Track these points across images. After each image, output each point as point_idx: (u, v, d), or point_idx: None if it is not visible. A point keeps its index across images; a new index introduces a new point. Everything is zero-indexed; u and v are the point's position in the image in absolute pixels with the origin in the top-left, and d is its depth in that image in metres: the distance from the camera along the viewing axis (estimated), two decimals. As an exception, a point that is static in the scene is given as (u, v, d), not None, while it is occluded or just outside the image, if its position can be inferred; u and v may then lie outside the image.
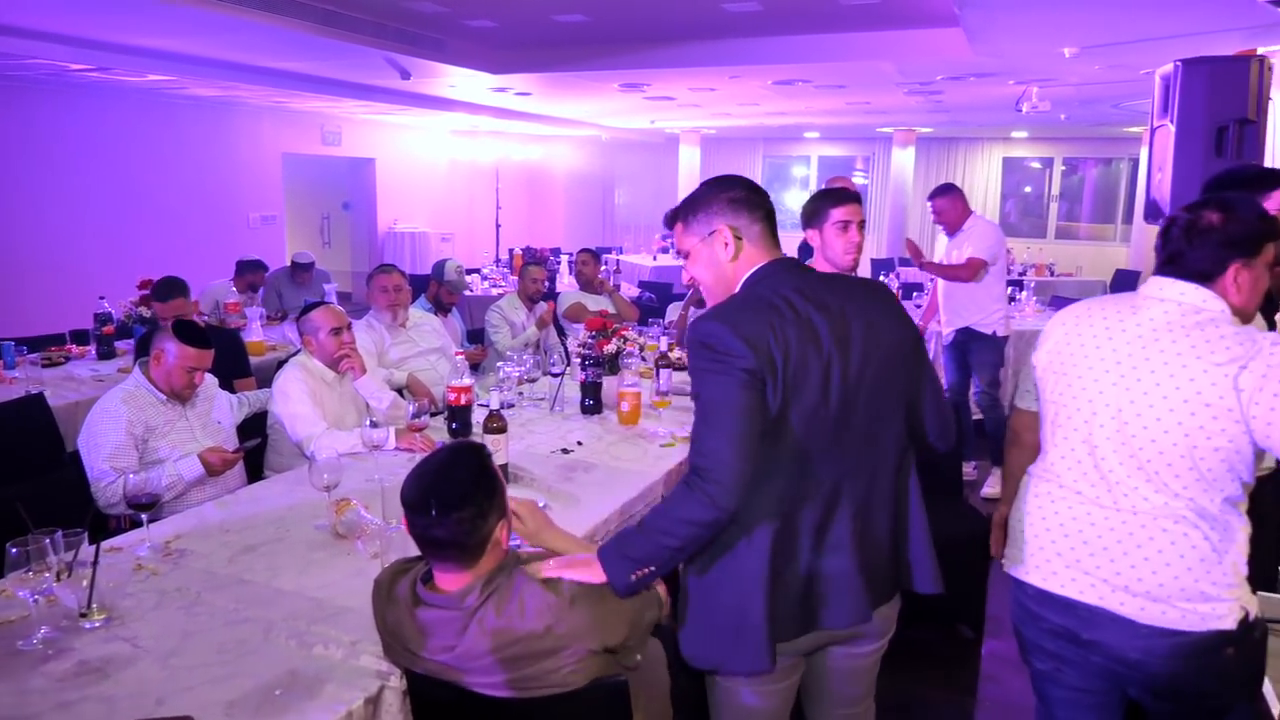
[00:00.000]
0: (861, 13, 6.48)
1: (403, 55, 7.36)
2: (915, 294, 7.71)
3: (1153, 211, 3.88)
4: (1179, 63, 3.61)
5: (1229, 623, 1.74)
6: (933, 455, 1.94)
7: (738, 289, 1.80)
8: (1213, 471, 1.72)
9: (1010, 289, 7.68)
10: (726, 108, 11.20)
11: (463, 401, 3.24)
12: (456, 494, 1.64)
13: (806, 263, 2.97)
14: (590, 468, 2.99)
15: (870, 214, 15.74)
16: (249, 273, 6.69)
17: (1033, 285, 7.92)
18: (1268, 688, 1.86)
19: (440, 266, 5.35)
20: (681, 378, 4.12)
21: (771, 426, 1.66)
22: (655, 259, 11.74)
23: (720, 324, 1.67)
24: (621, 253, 12.24)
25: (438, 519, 1.63)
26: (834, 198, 2.82)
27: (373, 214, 13.15)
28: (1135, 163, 13.06)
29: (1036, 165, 15.42)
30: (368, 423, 3.01)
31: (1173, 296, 1.79)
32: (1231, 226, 1.76)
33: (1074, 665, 1.94)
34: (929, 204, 5.41)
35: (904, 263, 12.20)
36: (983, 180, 15.28)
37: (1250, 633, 1.77)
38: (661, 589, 1.83)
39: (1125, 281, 9.75)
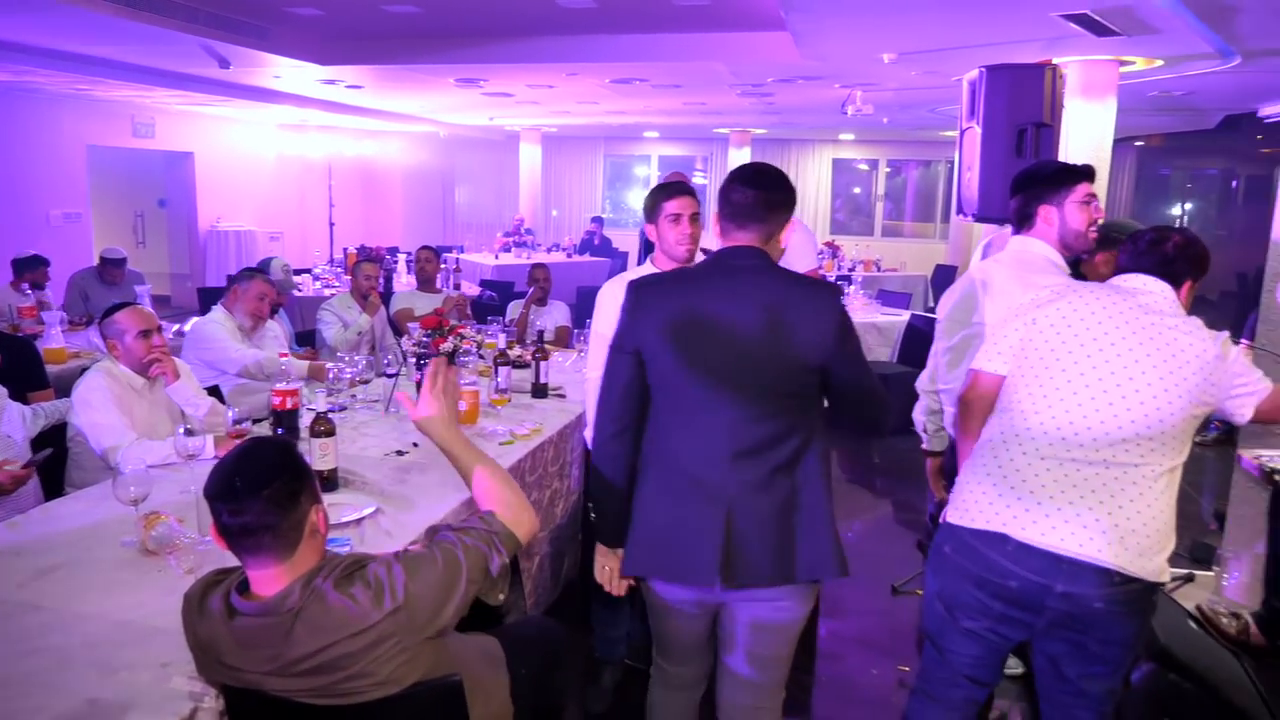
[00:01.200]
0: (695, 14, 6.61)
1: (221, 43, 6.95)
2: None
3: (963, 206, 4.12)
4: (984, 69, 3.85)
5: (1166, 575, 2.02)
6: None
7: None
8: (1182, 437, 2.02)
9: (840, 283, 8.08)
10: (566, 105, 11.19)
11: (289, 405, 3.07)
12: (262, 469, 1.57)
13: (648, 257, 3.01)
14: (426, 469, 2.91)
15: (708, 212, 16.09)
16: (28, 271, 6.12)
17: (860, 280, 8.33)
18: None
19: (265, 265, 5.09)
20: (520, 375, 4.08)
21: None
22: (497, 257, 11.60)
23: None
24: (463, 251, 12.03)
25: (245, 500, 1.54)
26: (666, 191, 2.84)
27: (192, 212, 12.37)
28: (952, 165, 13.95)
29: (864, 167, 16.22)
30: (181, 430, 2.81)
31: (1158, 290, 2.11)
32: (1194, 250, 2.17)
33: (1014, 624, 2.07)
34: None
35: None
36: (814, 180, 15.93)
37: (1161, 588, 2.06)
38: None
39: (945, 276, 10.37)
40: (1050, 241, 2.60)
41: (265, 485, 1.55)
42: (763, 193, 2.01)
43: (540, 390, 3.91)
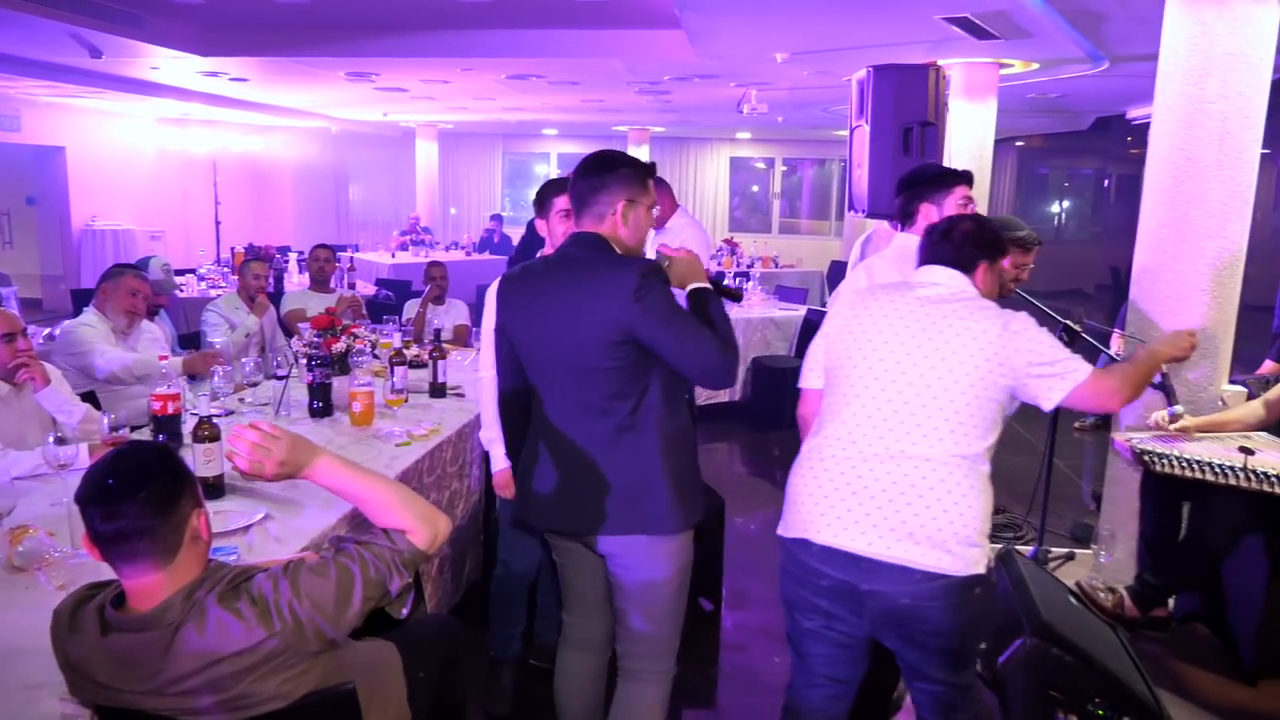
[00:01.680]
0: (592, 10, 6.60)
1: (91, 31, 6.59)
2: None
3: (853, 203, 4.23)
4: (871, 69, 3.95)
5: (982, 567, 1.99)
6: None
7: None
8: (977, 423, 2.00)
9: (738, 279, 8.19)
10: (462, 101, 11.03)
11: (170, 410, 2.94)
12: (138, 471, 1.49)
13: (539, 252, 2.98)
14: (319, 473, 2.82)
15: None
16: None
17: (758, 276, 8.47)
18: None
19: (144, 264, 4.85)
20: (417, 375, 4.00)
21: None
22: (394, 256, 11.37)
23: None
24: (358, 250, 11.73)
25: (120, 502, 1.46)
26: (558, 186, 2.83)
27: (65, 209, 11.71)
28: (845, 163, 14.31)
29: (761, 165, 16.50)
30: (51, 439, 2.65)
31: (944, 279, 2.17)
32: (983, 235, 2.22)
33: (844, 620, 2.10)
34: None
35: (642, 257, 12.57)
36: (713, 179, 16.12)
37: (990, 577, 2.04)
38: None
39: (840, 271, 10.62)
40: None
41: (142, 487, 1.47)
42: (580, 179, 2.22)
43: (439, 390, 3.84)
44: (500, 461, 2.71)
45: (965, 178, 2.75)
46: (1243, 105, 3.47)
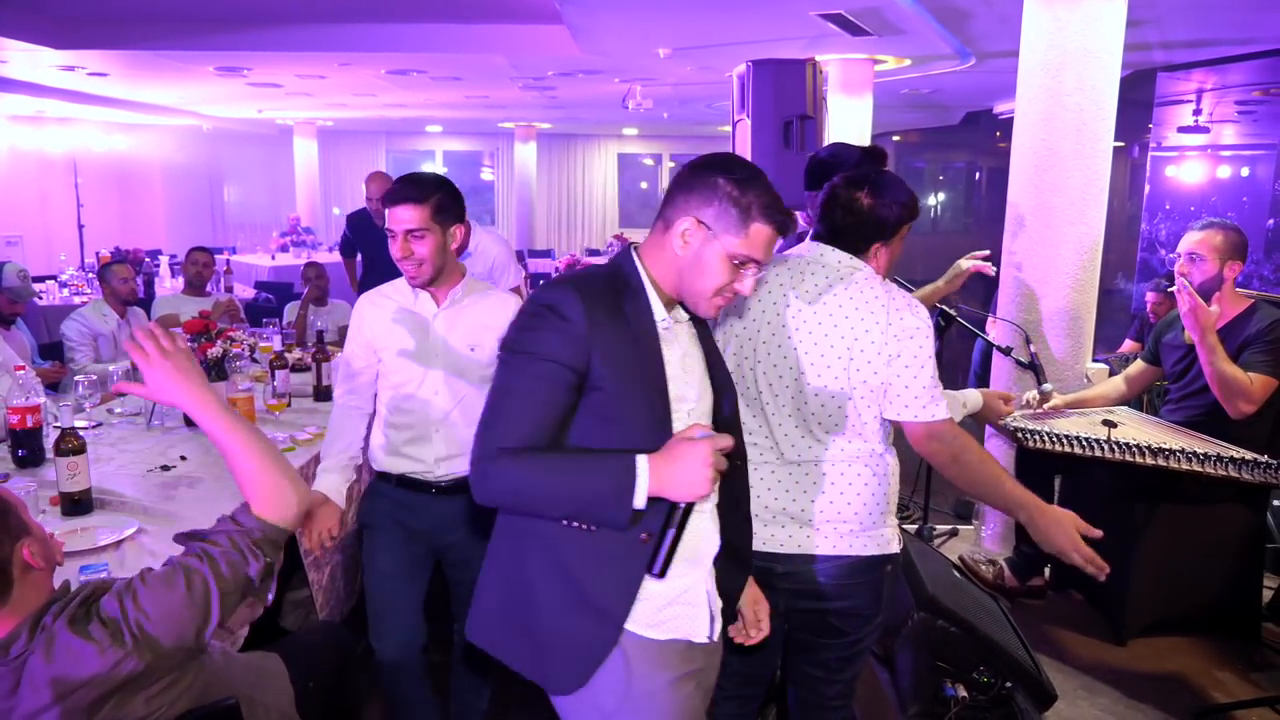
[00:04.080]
0: (473, 4, 6.50)
1: (-71, 21, 6.13)
2: (540, 283, 7.96)
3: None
4: (750, 63, 4.02)
5: (894, 545, 2.01)
6: None
7: None
8: (873, 413, 1.94)
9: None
10: (341, 97, 10.72)
11: (29, 424, 2.76)
12: None
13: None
14: (195, 482, 2.69)
15: (498, 208, 16.05)
16: None
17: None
18: None
19: (-3, 271, 4.54)
20: (300, 379, 3.87)
21: None
22: (274, 258, 10.97)
23: None
24: (235, 252, 11.27)
25: None
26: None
27: (-95, 215, 10.88)
28: (729, 159, 14.53)
29: (649, 162, 16.60)
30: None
31: (831, 262, 2.00)
32: (881, 212, 2.01)
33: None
34: None
35: (535, 254, 12.56)
36: (601, 175, 16.15)
37: (898, 556, 2.05)
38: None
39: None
40: None
41: None
42: None
43: (323, 393, 3.72)
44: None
45: (879, 159, 2.78)
46: (1096, 97, 3.68)
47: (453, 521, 2.42)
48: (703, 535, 1.65)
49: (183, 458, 2.92)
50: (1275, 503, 3.79)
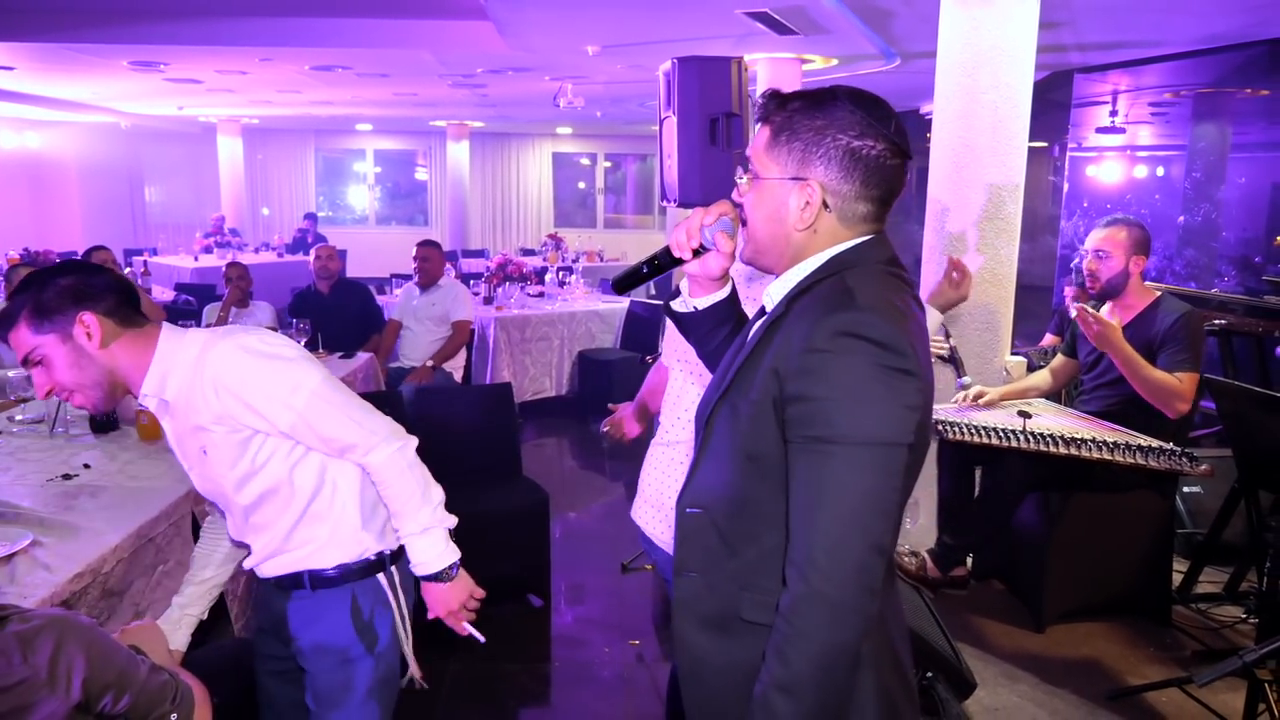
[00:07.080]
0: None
1: None
2: (472, 282, 7.89)
3: (665, 193, 4.29)
4: (675, 60, 4.00)
5: None
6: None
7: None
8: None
9: (562, 274, 8.24)
10: (265, 94, 10.46)
11: (-82, 433, 2.62)
12: None
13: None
14: (98, 491, 2.59)
15: (431, 208, 15.85)
16: None
17: (582, 270, 8.54)
18: None
19: (-111, 273, 4.32)
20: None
21: None
22: (197, 259, 10.67)
23: None
24: (155, 254, 10.93)
25: None
26: None
27: None
28: (663, 158, 14.58)
29: (585, 161, 16.55)
30: None
31: None
32: None
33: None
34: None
35: (468, 254, 12.45)
36: (535, 174, 16.05)
37: None
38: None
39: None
40: None
41: None
42: None
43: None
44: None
45: None
46: (1010, 95, 3.76)
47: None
48: None
49: (86, 466, 2.80)
50: (1184, 489, 3.92)
